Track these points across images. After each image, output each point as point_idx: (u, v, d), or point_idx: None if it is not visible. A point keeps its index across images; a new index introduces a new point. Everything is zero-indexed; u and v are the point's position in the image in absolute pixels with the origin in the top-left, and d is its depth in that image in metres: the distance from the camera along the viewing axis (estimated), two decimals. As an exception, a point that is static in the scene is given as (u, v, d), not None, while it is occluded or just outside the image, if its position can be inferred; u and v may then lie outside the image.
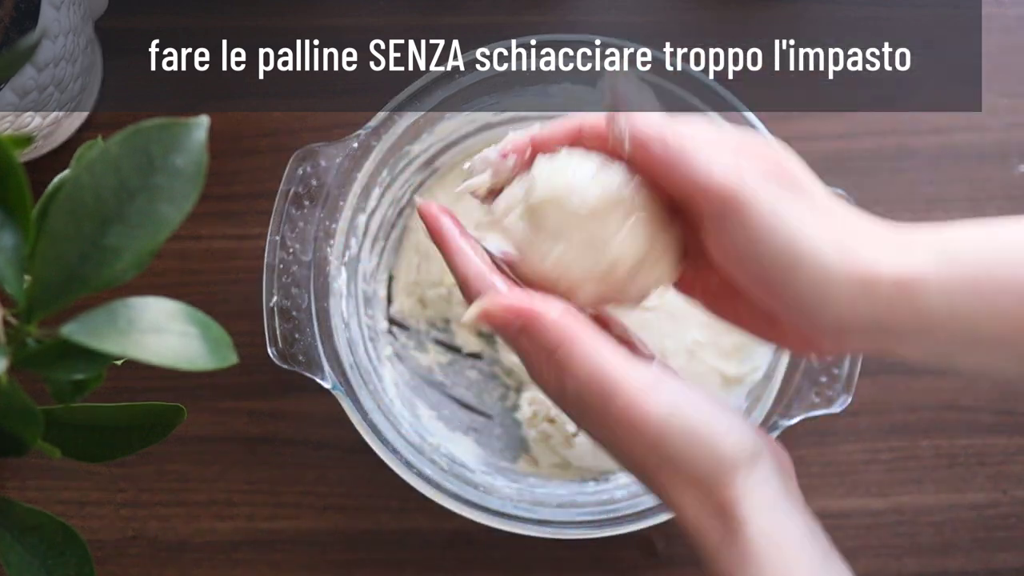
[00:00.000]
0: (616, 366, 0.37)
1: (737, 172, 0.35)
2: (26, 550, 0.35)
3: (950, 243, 0.36)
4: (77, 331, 0.28)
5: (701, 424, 0.37)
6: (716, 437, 0.37)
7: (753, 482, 0.37)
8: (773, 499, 0.37)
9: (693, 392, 0.38)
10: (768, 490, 0.37)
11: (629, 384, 0.36)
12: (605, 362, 0.37)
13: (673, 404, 0.37)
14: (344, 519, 0.60)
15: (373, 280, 0.61)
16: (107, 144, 0.28)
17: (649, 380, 0.37)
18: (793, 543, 0.37)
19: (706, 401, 0.37)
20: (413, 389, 0.61)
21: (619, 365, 0.37)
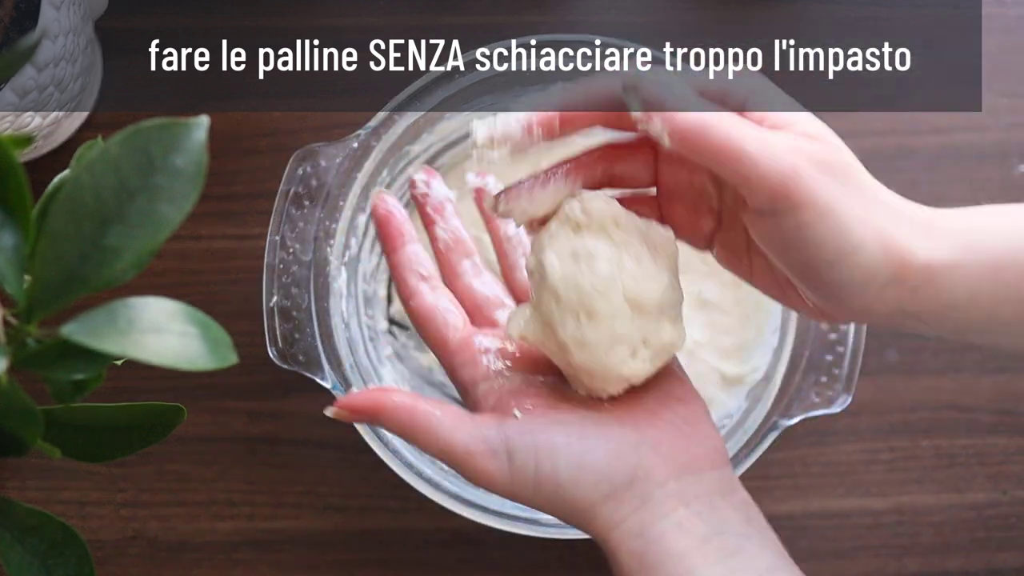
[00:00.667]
0: (458, 440, 0.38)
1: (792, 165, 0.34)
2: (26, 550, 0.35)
3: (976, 230, 0.36)
4: (77, 331, 0.28)
5: (546, 481, 0.37)
6: (562, 491, 0.37)
7: (620, 515, 0.37)
8: (642, 525, 0.37)
9: (547, 442, 0.37)
10: (638, 518, 0.37)
11: (471, 456, 0.38)
12: (447, 436, 0.38)
13: (516, 467, 0.37)
14: (344, 519, 0.60)
15: (373, 280, 0.61)
16: (107, 144, 0.28)
17: (493, 446, 0.38)
18: (664, 563, 0.36)
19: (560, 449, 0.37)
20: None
21: (460, 439, 0.38)
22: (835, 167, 0.35)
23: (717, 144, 0.34)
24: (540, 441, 0.37)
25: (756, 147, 0.34)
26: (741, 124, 0.34)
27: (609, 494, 0.37)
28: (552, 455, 0.37)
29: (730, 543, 0.36)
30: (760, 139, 0.34)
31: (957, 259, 0.36)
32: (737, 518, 0.37)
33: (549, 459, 0.37)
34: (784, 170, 0.34)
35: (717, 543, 0.36)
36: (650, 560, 0.36)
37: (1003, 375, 0.61)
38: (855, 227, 0.35)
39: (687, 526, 0.36)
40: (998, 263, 0.36)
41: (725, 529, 0.37)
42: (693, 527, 0.36)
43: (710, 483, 0.38)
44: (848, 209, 0.35)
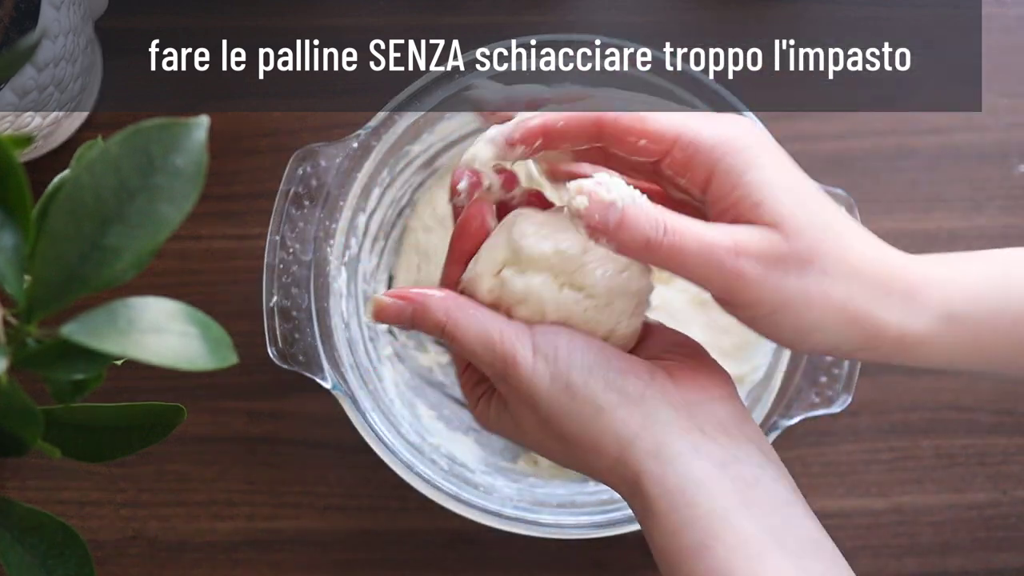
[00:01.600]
0: (492, 323, 0.38)
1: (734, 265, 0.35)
2: (26, 550, 0.35)
3: (957, 302, 0.37)
4: (77, 331, 0.28)
5: (562, 373, 0.37)
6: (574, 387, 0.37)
7: (631, 430, 0.37)
8: (657, 445, 0.36)
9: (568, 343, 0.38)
10: (651, 436, 0.36)
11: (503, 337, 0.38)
12: (483, 322, 0.38)
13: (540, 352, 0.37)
14: (344, 519, 0.60)
15: (373, 280, 0.61)
16: (107, 144, 0.28)
17: (521, 331, 0.38)
18: (684, 489, 0.35)
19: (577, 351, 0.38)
20: (413, 389, 0.61)
21: (495, 323, 0.38)
22: (791, 259, 0.35)
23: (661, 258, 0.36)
24: (560, 341, 0.38)
25: (698, 258, 0.35)
26: (686, 232, 0.35)
27: (620, 402, 0.37)
28: (570, 353, 0.37)
29: (746, 472, 0.36)
30: (703, 247, 0.35)
31: (935, 331, 0.36)
32: (751, 448, 0.37)
33: (567, 355, 0.37)
34: (728, 277, 0.35)
35: (735, 471, 0.36)
36: (669, 485, 0.36)
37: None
38: (813, 312, 0.36)
39: (704, 450, 0.36)
40: (978, 334, 0.37)
41: (741, 456, 0.36)
42: (710, 452, 0.36)
43: (723, 411, 0.37)
44: (803, 298, 0.35)
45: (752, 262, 0.35)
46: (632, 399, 0.37)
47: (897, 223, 0.63)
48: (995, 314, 0.37)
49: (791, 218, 0.35)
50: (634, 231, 0.35)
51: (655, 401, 0.37)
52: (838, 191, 0.54)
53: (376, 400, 0.55)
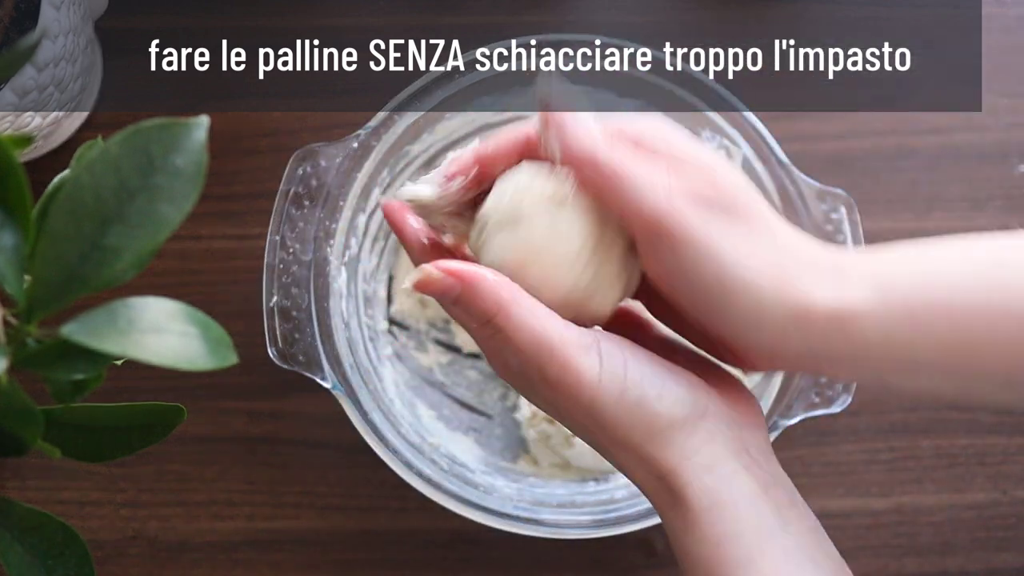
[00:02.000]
0: (553, 328, 0.36)
1: (667, 198, 0.35)
2: (26, 550, 0.35)
3: (887, 274, 0.36)
4: (77, 331, 0.28)
5: (634, 387, 0.36)
6: (647, 402, 0.36)
7: (692, 445, 0.37)
8: (713, 460, 0.37)
9: (632, 355, 0.37)
10: (709, 451, 0.37)
11: (565, 346, 0.36)
12: (542, 323, 0.36)
13: (607, 368, 0.36)
14: (344, 519, 0.60)
15: (373, 280, 0.61)
16: (107, 144, 0.28)
17: (586, 342, 0.36)
18: (736, 503, 0.36)
19: (644, 364, 0.37)
20: (413, 389, 0.61)
21: (556, 327, 0.36)
22: (719, 204, 0.35)
23: (601, 173, 0.35)
24: (628, 352, 0.37)
25: (634, 182, 0.35)
26: (626, 158, 0.35)
27: (686, 418, 0.37)
28: (640, 366, 0.37)
29: (784, 497, 0.37)
30: (640, 175, 0.35)
31: (867, 305, 0.35)
32: (782, 474, 0.38)
33: (638, 368, 0.37)
34: (659, 206, 0.35)
35: (775, 494, 0.37)
36: (721, 499, 0.36)
37: (1003, 375, 0.61)
38: (737, 268, 0.35)
39: (753, 471, 0.37)
40: (911, 307, 0.35)
41: (779, 481, 0.37)
42: (755, 473, 0.37)
43: (760, 437, 0.38)
44: (730, 249, 0.35)
45: (685, 196, 0.35)
46: (698, 414, 0.37)
47: (897, 223, 0.63)
48: (925, 288, 0.36)
49: (725, 173, 0.36)
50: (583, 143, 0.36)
51: (716, 418, 0.37)
52: (838, 191, 0.54)
53: (376, 400, 0.55)
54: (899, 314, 0.35)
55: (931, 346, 0.36)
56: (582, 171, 0.36)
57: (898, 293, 0.35)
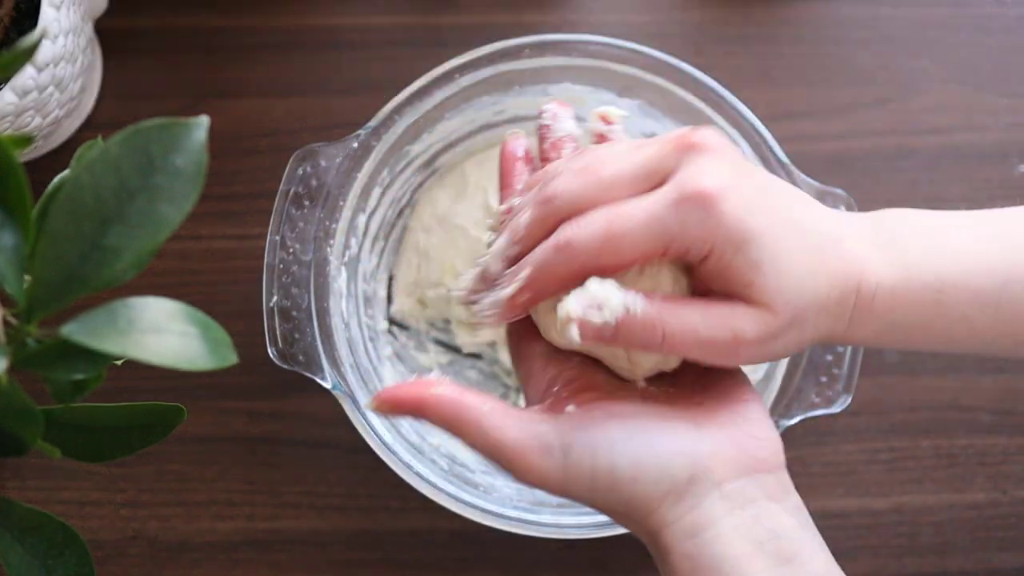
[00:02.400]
0: (508, 437, 0.36)
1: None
2: (26, 550, 0.35)
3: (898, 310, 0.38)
4: (77, 331, 0.28)
5: (604, 476, 0.36)
6: (620, 486, 0.36)
7: (676, 513, 0.36)
8: (697, 527, 0.36)
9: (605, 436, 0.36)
10: (692, 519, 0.36)
11: (523, 454, 0.36)
12: (497, 435, 0.36)
13: (572, 463, 0.36)
14: (344, 519, 0.60)
15: (373, 280, 0.61)
16: (107, 144, 0.28)
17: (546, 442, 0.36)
18: (720, 568, 0.35)
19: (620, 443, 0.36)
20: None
21: (510, 437, 0.36)
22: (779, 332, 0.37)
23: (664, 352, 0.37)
24: (597, 437, 0.36)
25: (697, 349, 0.36)
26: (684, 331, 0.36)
27: (668, 491, 0.36)
28: (610, 451, 0.36)
29: (785, 548, 0.36)
30: (702, 341, 0.36)
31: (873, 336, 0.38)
32: (791, 523, 0.36)
33: (607, 455, 0.36)
34: (726, 362, 0.37)
35: (772, 547, 0.36)
36: (704, 563, 0.35)
37: (1003, 375, 0.61)
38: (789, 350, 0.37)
39: (743, 530, 0.36)
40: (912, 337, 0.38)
41: (780, 534, 0.36)
42: (749, 531, 0.36)
43: (767, 486, 0.37)
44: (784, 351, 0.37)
45: (749, 348, 0.36)
46: (680, 484, 0.36)
47: (897, 223, 0.63)
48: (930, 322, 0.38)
49: (779, 294, 0.36)
50: (631, 340, 0.36)
51: (702, 485, 0.36)
52: (838, 191, 0.54)
53: (376, 400, 0.55)
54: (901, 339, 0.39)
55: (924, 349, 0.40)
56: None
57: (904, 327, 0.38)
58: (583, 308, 0.35)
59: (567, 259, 0.36)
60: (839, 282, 0.37)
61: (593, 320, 0.35)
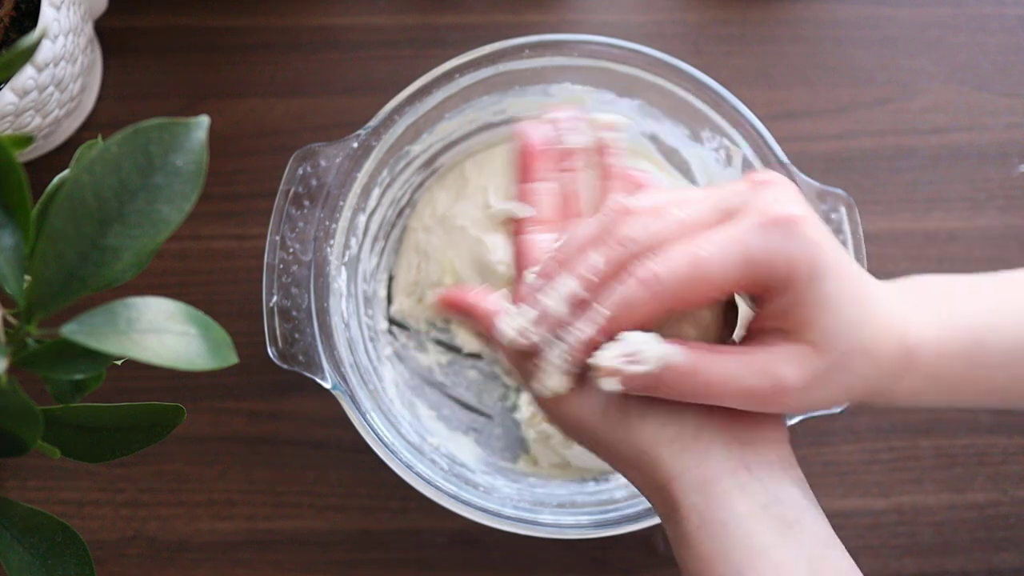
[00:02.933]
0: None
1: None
2: (26, 550, 0.35)
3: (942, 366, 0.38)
4: (77, 331, 0.28)
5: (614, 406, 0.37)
6: (628, 421, 0.37)
7: (683, 464, 0.37)
8: (705, 480, 0.36)
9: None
10: (700, 472, 0.37)
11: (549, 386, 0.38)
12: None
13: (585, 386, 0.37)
14: (344, 519, 0.60)
15: (373, 280, 0.61)
16: (107, 144, 0.28)
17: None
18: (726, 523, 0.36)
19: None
20: (413, 389, 0.61)
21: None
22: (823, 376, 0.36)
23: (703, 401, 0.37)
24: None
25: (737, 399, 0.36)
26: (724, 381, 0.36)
27: (674, 438, 0.37)
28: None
29: (789, 514, 0.36)
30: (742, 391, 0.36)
31: (919, 390, 0.39)
32: (796, 491, 0.37)
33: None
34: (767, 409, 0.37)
35: (776, 511, 0.36)
36: (710, 517, 0.36)
37: (1003, 375, 0.61)
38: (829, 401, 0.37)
39: (749, 490, 0.36)
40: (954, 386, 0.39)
41: (784, 499, 0.37)
42: (754, 492, 0.36)
43: (773, 454, 0.38)
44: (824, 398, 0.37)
45: (791, 396, 0.36)
46: (688, 435, 0.37)
47: (897, 223, 0.63)
48: (972, 372, 0.39)
49: (835, 334, 0.36)
50: (671, 392, 0.36)
51: (709, 438, 0.37)
52: (838, 191, 0.54)
53: (376, 400, 0.55)
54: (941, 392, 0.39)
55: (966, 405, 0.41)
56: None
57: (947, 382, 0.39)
58: (621, 360, 0.35)
59: (653, 295, 0.35)
60: (884, 334, 0.37)
61: (631, 372, 0.35)
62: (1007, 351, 0.39)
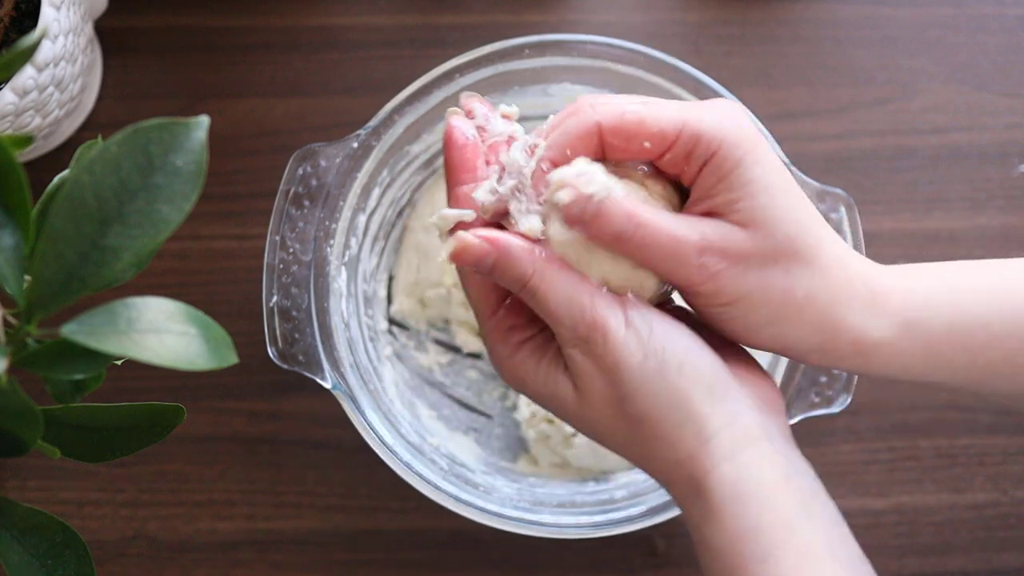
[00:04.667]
0: (584, 288, 0.37)
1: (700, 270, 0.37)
2: (26, 550, 0.35)
3: (916, 309, 0.38)
4: (77, 331, 0.28)
5: (655, 354, 0.37)
6: (667, 370, 0.37)
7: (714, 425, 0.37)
8: (734, 445, 0.36)
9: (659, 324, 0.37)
10: (730, 435, 0.37)
11: (595, 305, 0.37)
12: (574, 284, 0.37)
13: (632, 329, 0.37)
14: (344, 519, 0.60)
15: (373, 280, 0.61)
16: (107, 144, 0.28)
17: (615, 303, 0.37)
18: (758, 495, 0.36)
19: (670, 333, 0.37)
20: (413, 389, 0.61)
21: (587, 288, 0.37)
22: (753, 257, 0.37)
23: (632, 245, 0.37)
24: (656, 320, 0.37)
25: (664, 247, 0.36)
26: (656, 224, 0.36)
27: (706, 395, 0.37)
28: (665, 335, 0.37)
29: (807, 485, 0.37)
30: (671, 238, 0.36)
31: (892, 338, 0.38)
32: (806, 464, 0.38)
33: (662, 337, 0.37)
34: (690, 271, 0.37)
35: (797, 483, 0.36)
36: (744, 489, 0.36)
37: (1003, 375, 0.61)
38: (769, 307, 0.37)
39: (773, 460, 0.37)
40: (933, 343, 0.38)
41: (801, 470, 0.37)
42: (777, 463, 0.37)
43: (784, 429, 0.38)
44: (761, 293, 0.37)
45: (715, 258, 0.36)
46: (720, 395, 0.37)
47: (897, 223, 0.63)
48: (950, 326, 0.38)
49: (763, 219, 0.36)
50: (608, 224, 0.36)
51: (739, 403, 0.37)
52: (838, 191, 0.54)
53: (376, 400, 0.55)
54: (919, 350, 0.38)
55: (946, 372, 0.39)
56: (613, 248, 0.37)
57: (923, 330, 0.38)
58: (575, 175, 0.36)
59: (587, 118, 0.37)
60: (845, 265, 0.37)
61: (582, 188, 0.36)
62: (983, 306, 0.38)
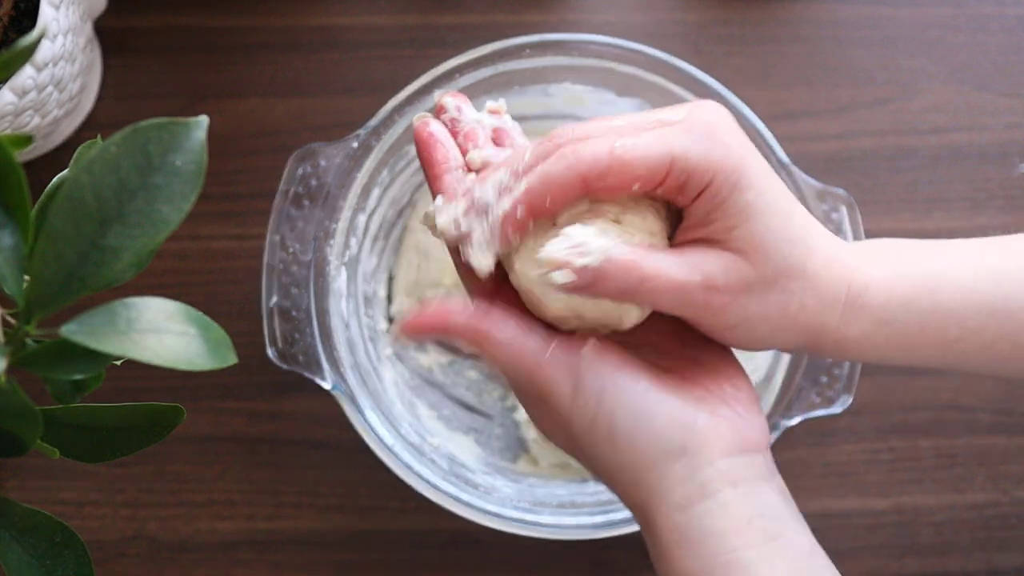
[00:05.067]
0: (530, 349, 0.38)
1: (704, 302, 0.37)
2: (25, 550, 0.35)
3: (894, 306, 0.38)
4: (77, 331, 0.28)
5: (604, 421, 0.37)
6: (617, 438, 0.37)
7: (666, 485, 0.37)
8: (687, 499, 0.36)
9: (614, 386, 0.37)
10: (683, 491, 0.36)
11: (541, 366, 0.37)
12: (519, 348, 0.38)
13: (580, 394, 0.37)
14: (344, 519, 0.60)
15: (373, 280, 0.61)
16: (106, 144, 0.28)
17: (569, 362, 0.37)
18: (705, 541, 0.36)
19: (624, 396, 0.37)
20: (413, 389, 0.61)
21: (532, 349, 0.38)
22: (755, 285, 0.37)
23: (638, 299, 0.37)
24: (607, 382, 0.37)
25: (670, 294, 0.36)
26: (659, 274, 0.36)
27: (659, 458, 0.37)
28: (615, 399, 0.37)
29: (771, 526, 0.36)
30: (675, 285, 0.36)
31: (870, 334, 0.38)
32: (778, 502, 0.37)
33: (611, 403, 0.37)
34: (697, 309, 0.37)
35: (759, 525, 0.36)
36: (691, 536, 0.36)
37: (1003, 375, 0.61)
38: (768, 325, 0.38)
39: (732, 507, 0.36)
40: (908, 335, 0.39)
41: (767, 512, 0.37)
42: (737, 508, 0.36)
43: (756, 466, 0.38)
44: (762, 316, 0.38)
45: (720, 295, 0.37)
46: (673, 453, 0.37)
47: (897, 223, 0.63)
48: (923, 325, 0.39)
49: (761, 245, 0.37)
50: (609, 285, 0.36)
51: (695, 457, 0.37)
52: (839, 191, 0.54)
53: (376, 400, 0.55)
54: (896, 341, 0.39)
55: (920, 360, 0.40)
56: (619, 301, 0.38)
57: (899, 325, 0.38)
58: (566, 251, 0.36)
59: (569, 169, 0.36)
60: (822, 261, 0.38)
61: (575, 263, 0.35)
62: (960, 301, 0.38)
